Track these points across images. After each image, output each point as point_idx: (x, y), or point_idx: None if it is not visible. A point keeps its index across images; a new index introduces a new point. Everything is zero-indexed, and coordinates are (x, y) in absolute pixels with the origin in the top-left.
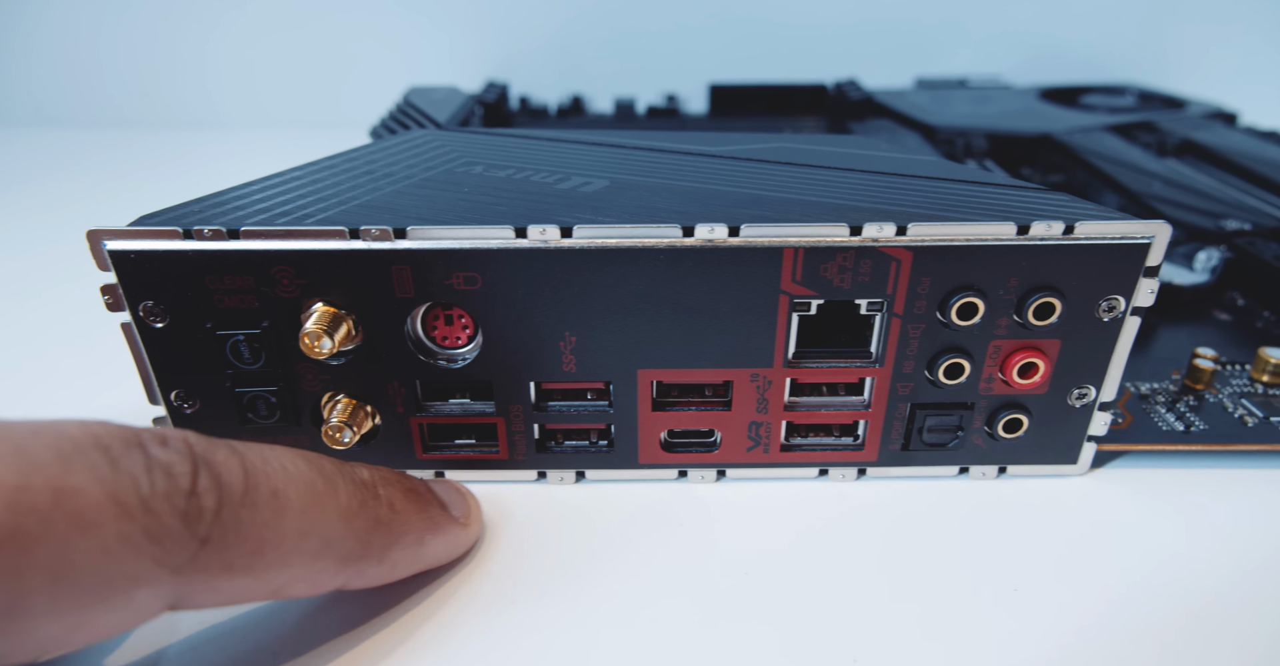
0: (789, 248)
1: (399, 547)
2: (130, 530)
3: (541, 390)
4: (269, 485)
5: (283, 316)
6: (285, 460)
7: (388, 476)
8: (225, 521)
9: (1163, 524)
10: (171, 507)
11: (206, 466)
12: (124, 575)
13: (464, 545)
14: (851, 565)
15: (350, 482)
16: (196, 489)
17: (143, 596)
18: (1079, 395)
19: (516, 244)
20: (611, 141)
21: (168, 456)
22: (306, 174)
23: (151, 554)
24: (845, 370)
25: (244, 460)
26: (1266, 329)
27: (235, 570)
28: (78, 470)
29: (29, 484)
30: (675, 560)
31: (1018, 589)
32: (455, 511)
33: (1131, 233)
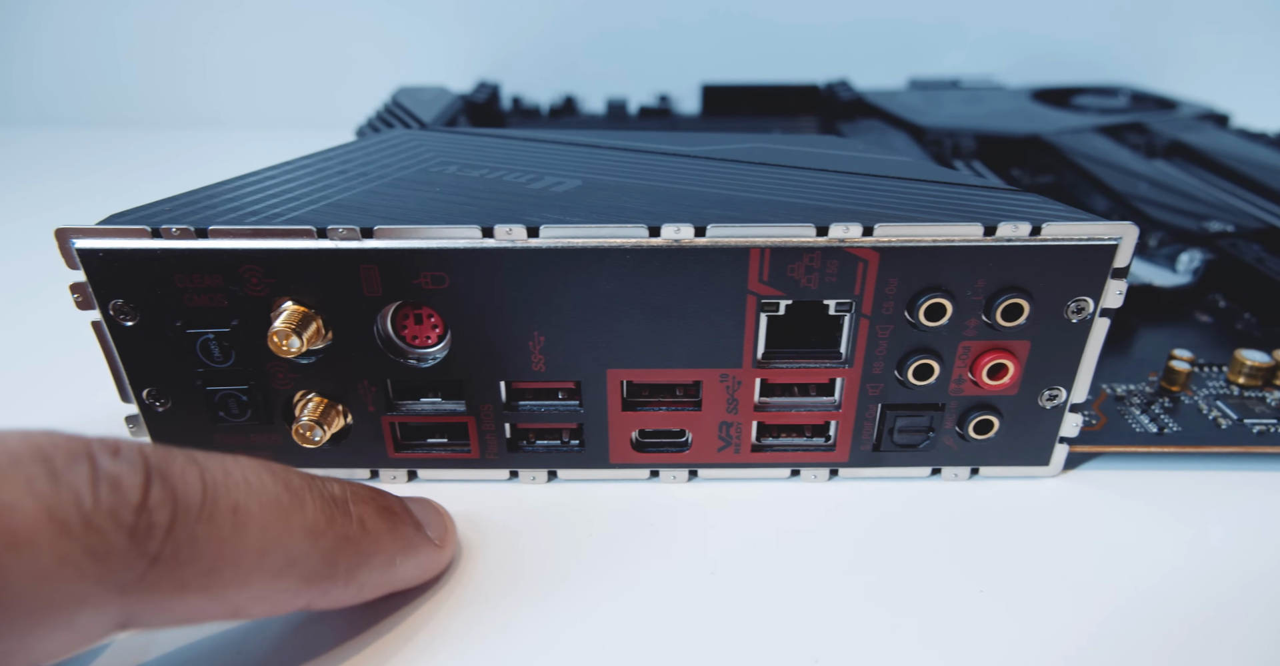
0: (755, 248)
1: (368, 568)
2: (69, 548)
3: (512, 389)
4: (229, 499)
5: (252, 315)
6: (249, 472)
7: (360, 493)
8: (179, 537)
9: (1132, 526)
10: (116, 523)
11: (161, 478)
12: (63, 596)
13: (437, 567)
14: (818, 566)
15: (319, 498)
16: (148, 503)
17: (85, 618)
18: (1049, 396)
19: (483, 244)
20: (589, 142)
21: (117, 468)
22: (281, 173)
23: (94, 573)
24: (815, 371)
25: (203, 472)
26: (1246, 331)
27: (189, 589)
28: (12, 485)
29: None
30: (642, 560)
31: (984, 591)
32: (431, 532)
33: (1098, 234)
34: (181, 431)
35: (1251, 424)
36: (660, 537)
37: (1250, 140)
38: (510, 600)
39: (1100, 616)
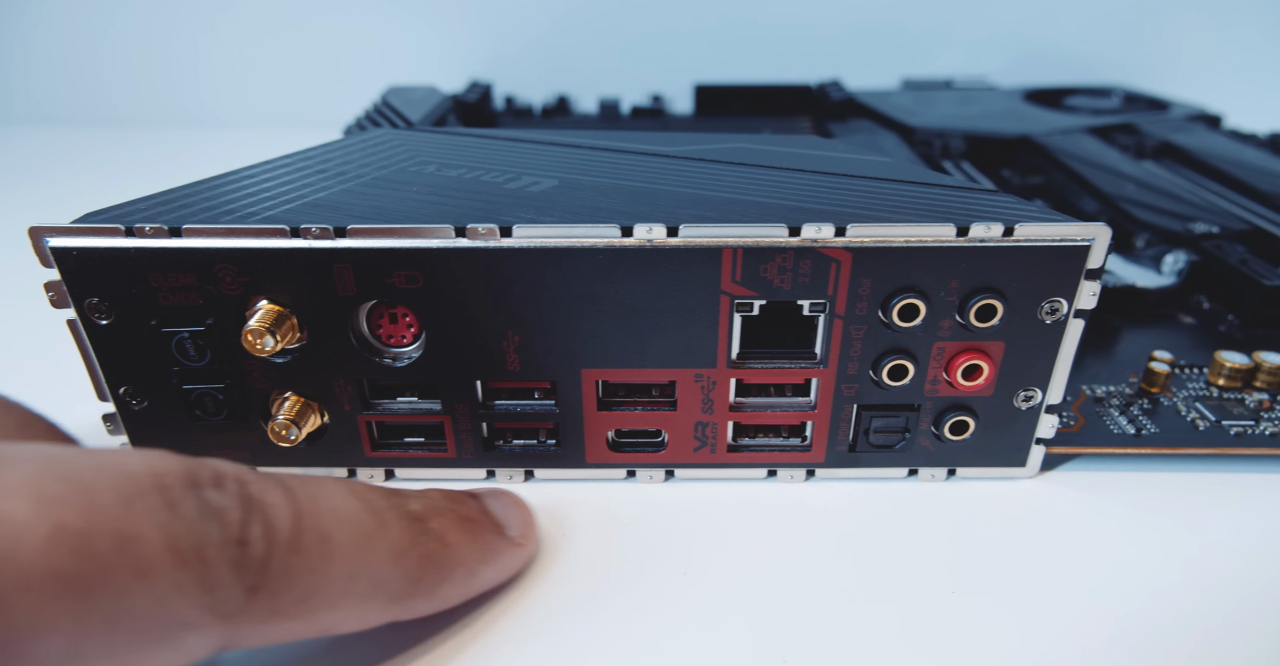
0: (728, 248)
1: (449, 582)
2: (184, 579)
3: (488, 389)
4: (317, 529)
5: (227, 314)
6: (335, 498)
7: (439, 505)
8: (273, 570)
9: (1107, 527)
10: (223, 557)
11: (257, 511)
12: (176, 622)
13: (519, 566)
14: (790, 566)
15: (400, 518)
16: (247, 537)
17: (193, 641)
18: (1025, 397)
19: (456, 243)
20: (570, 142)
21: (221, 500)
22: (259, 172)
23: (203, 602)
24: (790, 371)
25: (295, 503)
26: (1229, 332)
27: (283, 615)
28: (139, 515)
29: (93, 529)
30: (617, 560)
31: (955, 591)
32: (512, 531)
33: (1071, 235)
34: (158, 430)
35: (1229, 425)
36: (636, 537)
37: (1240, 141)
38: (484, 599)
39: (1072, 617)
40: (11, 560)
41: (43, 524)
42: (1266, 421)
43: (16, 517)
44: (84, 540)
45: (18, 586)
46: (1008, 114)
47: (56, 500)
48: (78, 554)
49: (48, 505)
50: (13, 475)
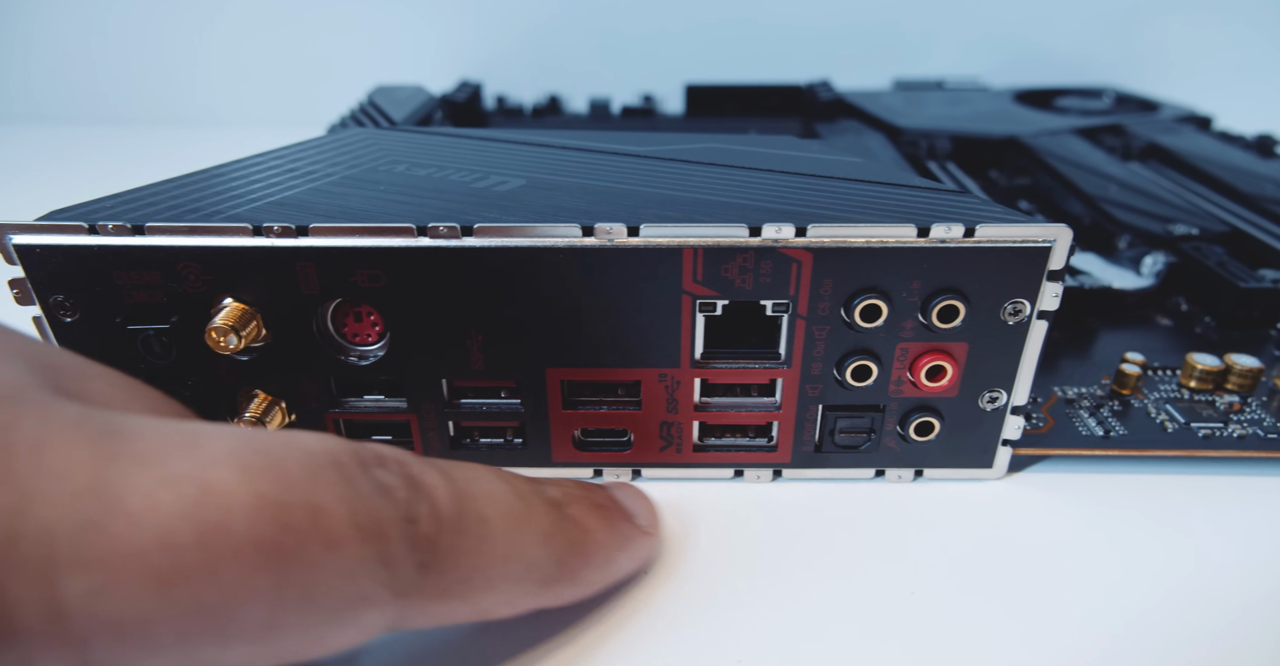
0: (688, 248)
1: (591, 567)
2: (367, 553)
3: (454, 387)
4: (475, 510)
5: (192, 311)
6: (486, 482)
7: (574, 493)
8: (441, 547)
9: (1070, 528)
10: (398, 533)
11: (422, 491)
12: (359, 596)
13: (650, 555)
14: (750, 566)
15: (544, 503)
16: (416, 515)
17: (370, 617)
18: (990, 398)
19: (417, 242)
20: (544, 141)
21: (389, 478)
22: (229, 170)
23: (382, 577)
24: (754, 371)
25: (452, 484)
26: (1205, 334)
27: (448, 595)
28: (325, 489)
29: (288, 500)
30: None
31: (914, 592)
32: (641, 521)
33: (1032, 236)
34: None
35: (1198, 427)
36: None
37: (1227, 143)
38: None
39: (1032, 619)
40: (225, 527)
41: (248, 494)
42: (1235, 424)
43: (226, 486)
44: (282, 510)
45: (230, 553)
46: (997, 115)
47: (256, 471)
48: (278, 523)
49: (250, 475)
50: (215, 446)
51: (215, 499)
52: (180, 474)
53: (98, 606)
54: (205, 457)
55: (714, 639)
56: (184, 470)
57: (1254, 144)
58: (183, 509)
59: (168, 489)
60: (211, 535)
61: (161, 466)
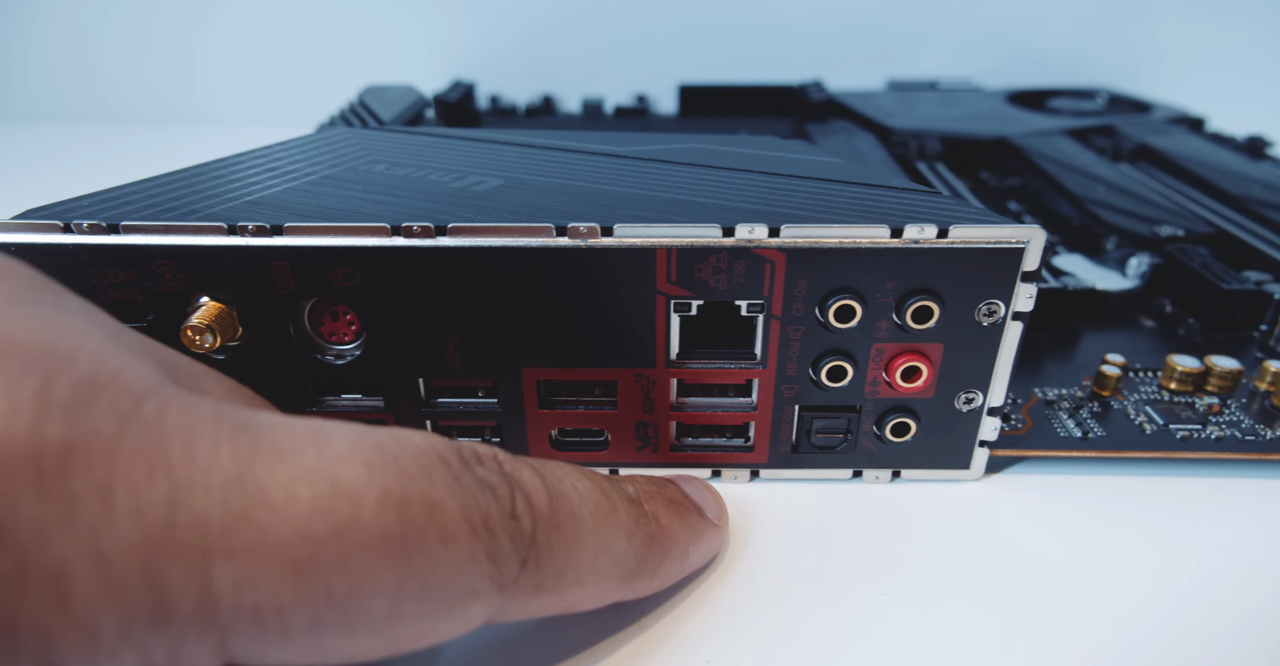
0: (662, 248)
1: (669, 561)
2: (477, 548)
3: (431, 386)
4: (567, 507)
5: (168, 310)
6: (575, 479)
7: (648, 489)
8: (539, 543)
9: (1045, 530)
10: (504, 528)
11: (519, 487)
12: (468, 589)
13: (719, 547)
14: (726, 566)
15: (624, 500)
16: (516, 511)
17: (475, 609)
18: (966, 399)
19: (392, 242)
20: (524, 142)
21: (489, 475)
22: (209, 170)
23: (489, 571)
24: (730, 372)
25: (545, 481)
26: (1188, 336)
27: (544, 589)
28: (438, 484)
29: (409, 495)
30: None
31: (887, 593)
32: (710, 513)
33: (1005, 237)
34: None
35: (1176, 429)
36: None
37: (1217, 144)
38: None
39: (1000, 620)
40: (356, 520)
41: (374, 489)
42: (1213, 425)
43: (354, 481)
44: (405, 505)
45: (360, 546)
46: (988, 116)
47: (379, 467)
48: (401, 518)
49: (374, 471)
50: (340, 443)
51: (346, 493)
52: (313, 468)
53: (243, 594)
54: (333, 453)
55: (686, 638)
56: (316, 465)
57: (1244, 145)
58: (317, 502)
59: (303, 482)
60: (343, 527)
61: (296, 460)
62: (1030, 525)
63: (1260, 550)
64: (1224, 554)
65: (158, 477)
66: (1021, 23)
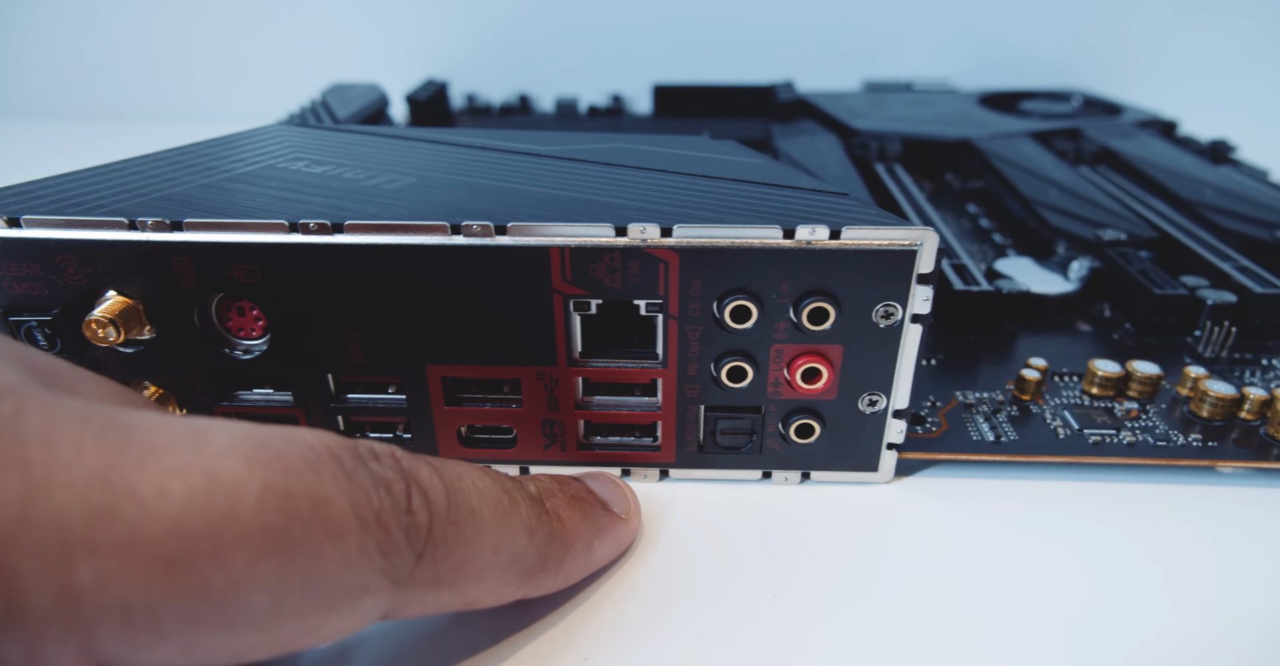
0: (555, 247)
1: (571, 557)
2: (367, 542)
3: (341, 382)
4: (466, 502)
5: (74, 303)
6: (474, 477)
7: (550, 487)
8: (435, 538)
9: (945, 534)
10: (397, 523)
11: (415, 483)
12: (357, 583)
13: (628, 541)
14: (618, 566)
15: (525, 497)
16: (412, 505)
17: (367, 605)
18: (870, 402)
19: (289, 238)
20: (455, 140)
21: (384, 471)
22: (128, 166)
23: (380, 566)
24: (633, 371)
25: (443, 477)
26: (1122, 341)
27: (441, 584)
28: (326, 479)
29: (292, 490)
30: None
31: (776, 595)
32: (616, 508)
33: (898, 239)
34: None
35: (1090, 434)
36: None
37: (1180, 148)
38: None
39: (887, 620)
40: (232, 515)
41: (254, 483)
42: (1127, 431)
43: (233, 476)
44: (288, 500)
45: (237, 541)
46: (957, 118)
47: (260, 462)
48: (284, 512)
49: (255, 466)
50: (220, 439)
51: (223, 488)
52: (189, 464)
53: (108, 592)
54: (211, 449)
55: (564, 635)
56: (192, 460)
57: (1207, 149)
58: (192, 497)
59: (177, 478)
60: (220, 522)
61: (170, 457)
62: (932, 529)
63: (1160, 555)
64: (1121, 558)
65: (11, 475)
66: (1006, 24)
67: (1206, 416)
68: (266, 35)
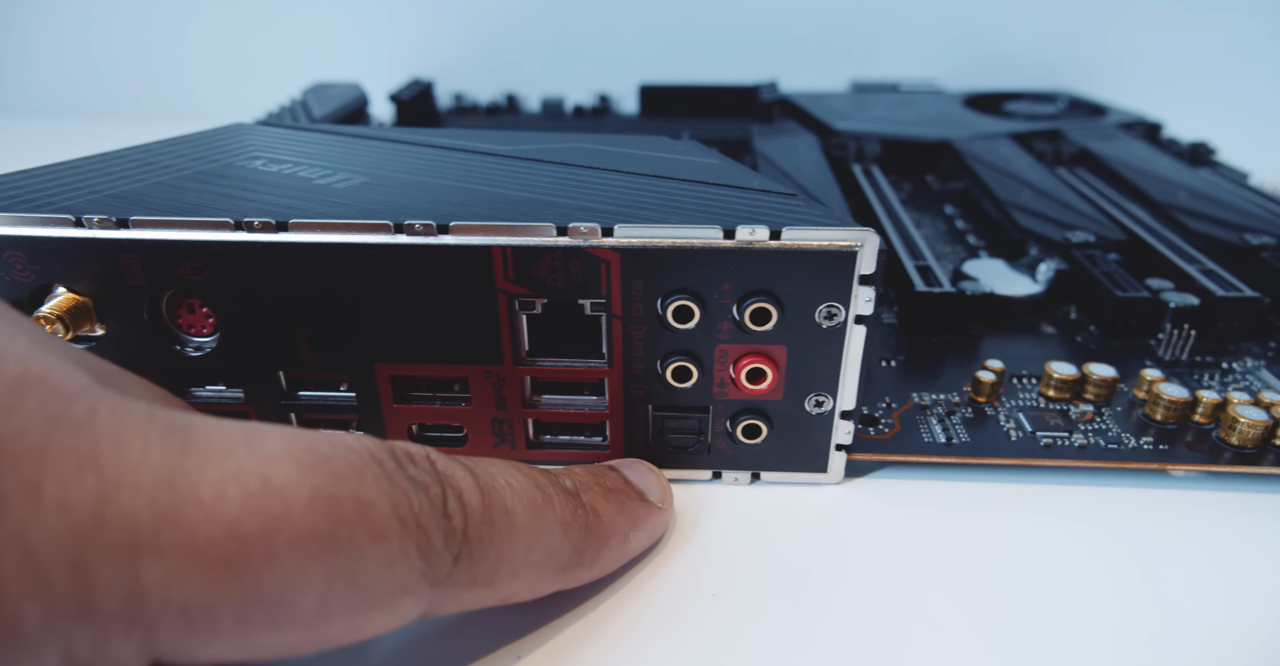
0: (497, 246)
1: (608, 550)
2: (408, 544)
3: (293, 379)
4: (500, 503)
5: (23, 300)
6: (508, 476)
7: (586, 480)
8: (471, 539)
9: (893, 535)
10: (435, 525)
11: (450, 485)
12: (399, 585)
13: (663, 529)
14: None
15: (560, 493)
16: (448, 509)
17: (407, 605)
18: (817, 402)
19: (235, 236)
20: (414, 140)
21: (420, 475)
22: (85, 163)
23: (420, 568)
24: (579, 370)
25: (477, 478)
26: (1084, 343)
27: (478, 584)
28: (369, 483)
29: (339, 494)
30: None
31: (714, 594)
32: (652, 496)
33: (838, 239)
34: None
35: (1042, 436)
36: None
37: (1159, 150)
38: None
39: (825, 621)
40: (285, 518)
41: (304, 488)
42: (1080, 434)
43: (285, 481)
44: (335, 504)
45: (289, 543)
46: (940, 119)
47: (309, 467)
48: (331, 516)
49: (305, 471)
50: (271, 444)
51: (276, 492)
52: (244, 468)
53: (171, 591)
54: (264, 454)
55: (497, 633)
56: (247, 464)
57: (1186, 152)
58: (248, 501)
59: (234, 482)
60: (273, 526)
61: (227, 461)
62: (878, 530)
63: (1105, 558)
64: (1067, 561)
65: (86, 475)
66: (996, 25)
67: (1160, 420)
68: (264, 34)
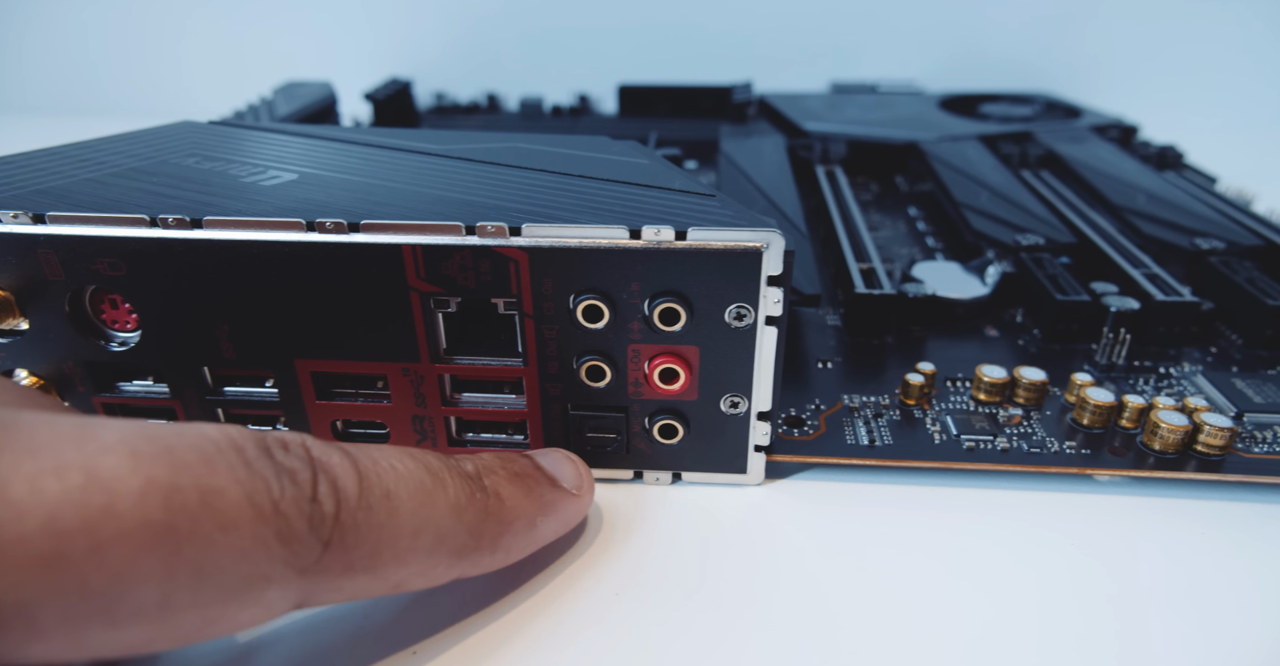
0: (407, 245)
1: (510, 534)
2: (264, 532)
3: (218, 375)
4: (381, 487)
5: None
6: (394, 459)
7: (490, 464)
8: (344, 525)
9: (802, 536)
10: (298, 512)
11: (324, 471)
12: (258, 574)
13: (578, 517)
14: None
15: (457, 476)
16: (318, 494)
17: (273, 595)
18: (732, 403)
19: (149, 233)
20: (351, 139)
21: (290, 461)
22: (19, 159)
23: (281, 556)
24: (495, 369)
25: (356, 463)
26: (1025, 346)
27: (356, 570)
28: (220, 472)
29: (179, 483)
30: None
31: (619, 594)
32: (567, 483)
33: (743, 240)
34: None
35: (965, 439)
36: None
37: (1126, 153)
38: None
39: (727, 622)
40: (111, 511)
41: (136, 478)
42: (1004, 437)
43: (114, 472)
44: (173, 493)
45: (116, 536)
46: (912, 120)
47: (147, 457)
48: (167, 506)
49: (140, 461)
50: (107, 436)
51: (101, 484)
52: (68, 462)
53: None
54: (95, 447)
55: (392, 628)
56: (72, 459)
57: (1154, 156)
58: (68, 495)
59: (53, 477)
60: (96, 519)
61: (49, 456)
62: (793, 532)
63: (1022, 561)
64: (980, 563)
65: None
66: (978, 27)
67: (1087, 424)
68: (260, 34)
